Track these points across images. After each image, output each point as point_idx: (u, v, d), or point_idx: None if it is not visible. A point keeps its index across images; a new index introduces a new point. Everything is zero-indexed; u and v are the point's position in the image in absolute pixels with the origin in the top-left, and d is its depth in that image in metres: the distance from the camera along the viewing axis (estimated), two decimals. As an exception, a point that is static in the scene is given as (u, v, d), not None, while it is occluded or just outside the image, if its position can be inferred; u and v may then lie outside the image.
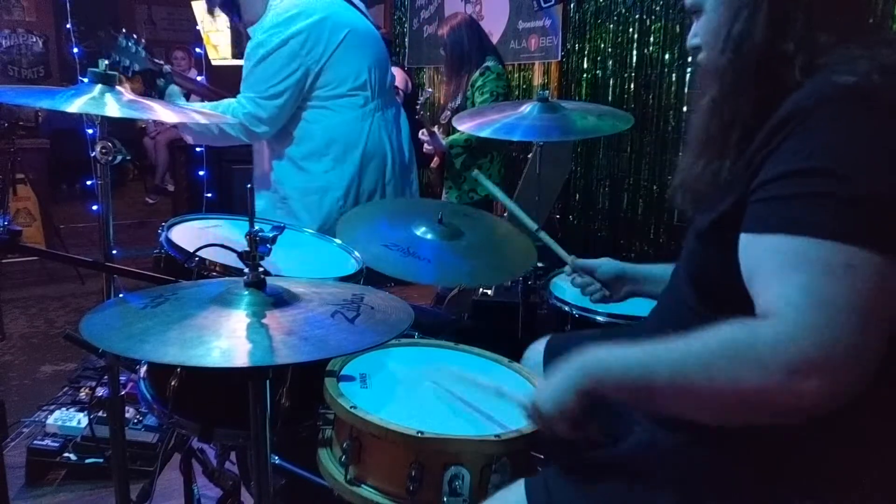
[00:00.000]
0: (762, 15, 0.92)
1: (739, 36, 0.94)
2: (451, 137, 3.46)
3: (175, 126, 2.45)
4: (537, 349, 1.47)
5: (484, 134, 1.92)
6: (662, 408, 0.88)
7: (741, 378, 0.78)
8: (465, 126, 2.02)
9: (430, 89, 4.37)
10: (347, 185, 2.36)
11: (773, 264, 0.82)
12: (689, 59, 3.42)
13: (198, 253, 1.36)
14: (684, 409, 0.85)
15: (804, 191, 0.81)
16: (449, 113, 3.62)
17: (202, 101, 2.53)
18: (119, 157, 1.38)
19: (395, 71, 4.55)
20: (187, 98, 2.49)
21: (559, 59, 4.26)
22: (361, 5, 2.51)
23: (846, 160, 0.80)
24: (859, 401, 0.76)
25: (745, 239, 0.87)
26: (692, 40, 1.09)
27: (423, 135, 3.55)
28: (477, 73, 3.45)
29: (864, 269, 0.77)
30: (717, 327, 0.82)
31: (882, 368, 0.77)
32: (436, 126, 3.59)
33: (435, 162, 3.61)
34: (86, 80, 1.38)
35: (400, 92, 4.17)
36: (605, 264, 1.47)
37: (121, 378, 1.53)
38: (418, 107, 3.38)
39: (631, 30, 3.79)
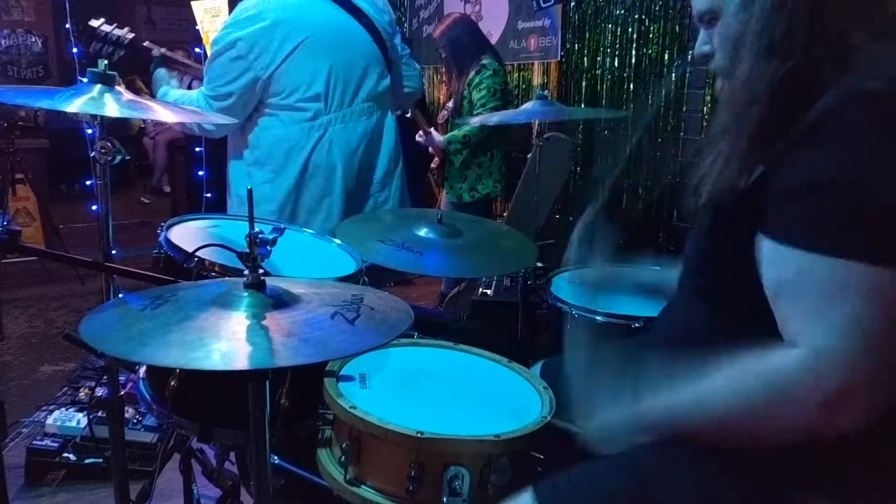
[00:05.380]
0: (799, 20, 0.89)
1: (779, 41, 0.90)
2: (450, 134, 3.47)
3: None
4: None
5: (493, 122, 2.07)
6: (715, 444, 0.91)
7: (782, 417, 0.82)
8: (474, 120, 2.44)
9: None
10: (283, 200, 2.29)
11: (804, 287, 0.82)
12: (689, 59, 3.42)
13: (197, 253, 1.36)
14: (734, 444, 0.88)
15: (837, 208, 0.80)
16: (446, 113, 3.63)
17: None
18: (118, 158, 1.37)
19: None
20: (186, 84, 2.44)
21: (559, 59, 4.25)
22: (363, 3, 2.34)
23: (880, 172, 0.79)
24: None
25: (771, 247, 0.86)
26: (702, 48, 1.06)
27: (419, 136, 3.56)
28: (473, 73, 3.45)
29: None
30: (754, 361, 0.84)
31: None
32: (432, 127, 3.60)
33: (435, 162, 3.62)
34: (85, 80, 1.37)
35: None
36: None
37: (120, 378, 1.53)
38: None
39: (630, 30, 3.79)
